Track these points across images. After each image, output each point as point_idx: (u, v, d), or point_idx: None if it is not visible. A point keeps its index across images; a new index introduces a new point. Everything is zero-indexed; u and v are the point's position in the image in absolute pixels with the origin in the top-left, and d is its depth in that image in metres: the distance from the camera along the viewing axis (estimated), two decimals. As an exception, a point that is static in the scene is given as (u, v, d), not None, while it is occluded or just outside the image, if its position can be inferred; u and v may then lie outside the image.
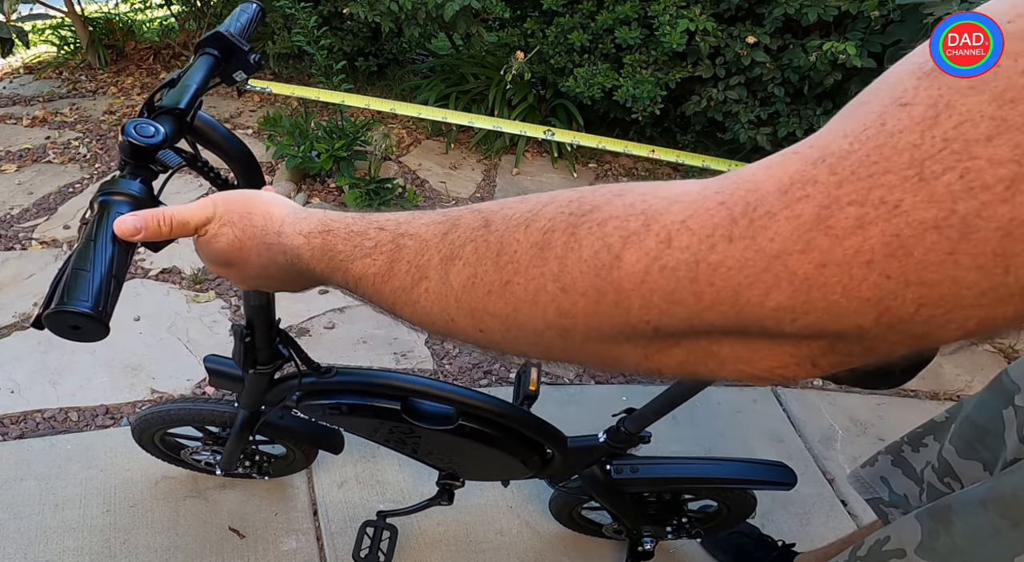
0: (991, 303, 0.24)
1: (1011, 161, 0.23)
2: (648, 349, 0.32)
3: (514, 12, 2.91)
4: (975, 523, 0.69)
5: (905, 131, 0.25)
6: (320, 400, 1.02)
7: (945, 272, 0.24)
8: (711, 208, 0.28)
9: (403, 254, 0.39)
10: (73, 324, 0.48)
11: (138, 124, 0.58)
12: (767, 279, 0.26)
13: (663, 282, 0.28)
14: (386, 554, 1.33)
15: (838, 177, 0.26)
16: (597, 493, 1.16)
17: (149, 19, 4.17)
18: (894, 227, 0.24)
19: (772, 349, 0.29)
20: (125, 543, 1.37)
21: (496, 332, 0.35)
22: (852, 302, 0.26)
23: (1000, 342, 2.11)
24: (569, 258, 0.31)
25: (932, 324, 0.26)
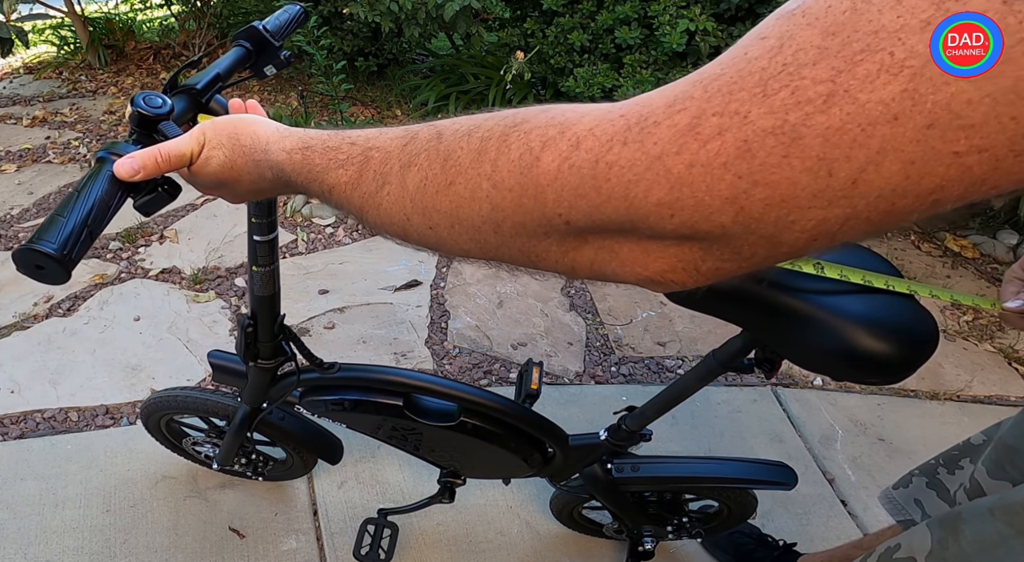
0: (822, 204, 0.29)
1: (828, 81, 0.27)
2: (564, 245, 0.37)
3: (514, 12, 2.91)
4: (983, 531, 0.69)
5: (759, 58, 0.29)
6: (323, 396, 1.02)
7: (782, 173, 0.29)
8: (614, 120, 0.33)
9: (370, 164, 0.44)
10: (38, 264, 0.50)
11: (147, 95, 0.61)
12: (649, 176, 0.31)
13: (571, 178, 0.33)
14: (387, 552, 1.33)
15: (708, 93, 0.30)
16: (598, 492, 1.16)
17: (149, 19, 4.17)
18: (743, 133, 0.29)
19: (660, 251, 0.34)
20: (125, 543, 1.37)
21: (443, 228, 0.40)
22: (714, 199, 0.30)
23: (1000, 342, 2.11)
24: (500, 160, 0.36)
25: (779, 224, 0.30)
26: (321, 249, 2.32)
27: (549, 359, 1.93)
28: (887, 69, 0.26)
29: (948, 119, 0.26)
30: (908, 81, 0.26)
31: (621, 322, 2.09)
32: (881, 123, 0.27)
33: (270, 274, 0.87)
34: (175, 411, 1.27)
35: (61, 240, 0.50)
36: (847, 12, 0.27)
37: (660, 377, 1.91)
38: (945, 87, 0.26)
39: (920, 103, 0.26)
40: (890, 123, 0.27)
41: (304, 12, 0.86)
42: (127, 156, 0.55)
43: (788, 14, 0.30)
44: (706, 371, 0.92)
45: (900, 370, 0.70)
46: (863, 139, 0.27)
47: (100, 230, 0.53)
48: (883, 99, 0.26)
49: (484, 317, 2.07)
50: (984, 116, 0.26)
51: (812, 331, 0.72)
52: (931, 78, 0.26)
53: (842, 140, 0.27)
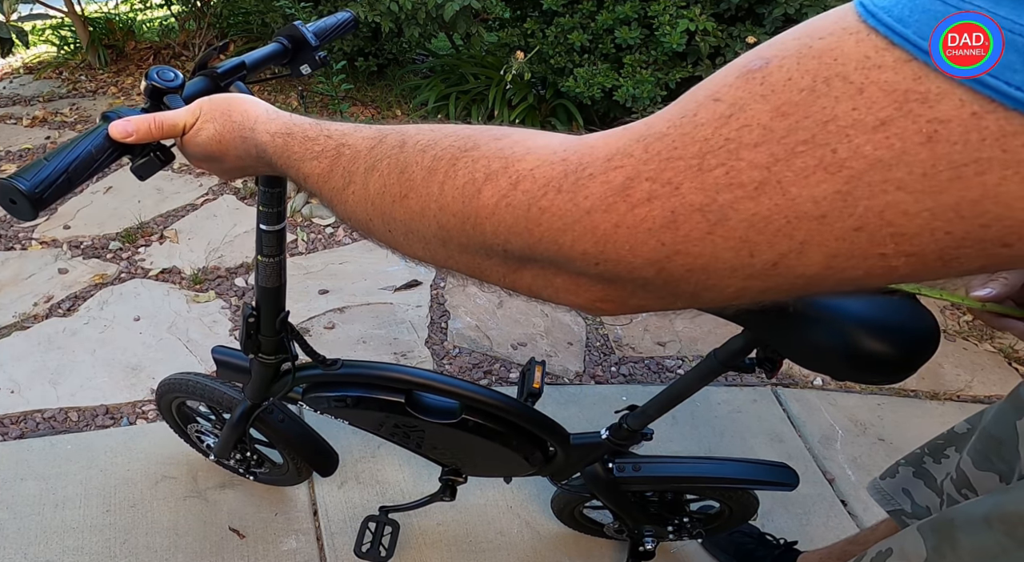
0: (741, 278, 0.29)
1: (764, 167, 0.27)
2: (505, 268, 0.38)
3: (514, 12, 2.91)
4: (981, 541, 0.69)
5: (705, 125, 0.29)
6: (326, 392, 1.02)
7: (704, 248, 0.29)
8: (555, 163, 0.33)
9: (340, 161, 0.46)
10: (12, 198, 0.54)
11: (161, 70, 0.65)
12: (577, 229, 0.32)
13: (507, 216, 0.34)
14: (387, 549, 1.33)
15: (647, 155, 0.30)
16: (599, 491, 1.16)
17: (149, 19, 4.17)
18: (672, 205, 0.29)
19: (591, 286, 0.35)
20: (125, 543, 1.37)
21: (400, 235, 0.42)
22: (637, 259, 0.31)
23: (1000, 342, 2.11)
24: (447, 184, 0.37)
25: (698, 286, 0.31)
26: (321, 249, 2.32)
27: (549, 359, 1.93)
28: (825, 167, 0.25)
29: (879, 225, 0.25)
30: (844, 183, 0.25)
31: (621, 322, 2.09)
32: (808, 219, 0.26)
33: (275, 265, 0.88)
34: (186, 395, 1.28)
35: (37, 180, 0.54)
36: (804, 92, 0.26)
37: (660, 377, 1.91)
38: (882, 195, 0.25)
39: (852, 206, 0.25)
40: (817, 220, 0.26)
41: (355, 20, 0.91)
42: (124, 119, 0.59)
43: (748, 75, 0.28)
44: (707, 370, 0.93)
45: (901, 370, 0.70)
46: (788, 230, 0.27)
47: (80, 179, 0.57)
48: (814, 196, 0.26)
49: (484, 317, 2.07)
50: (918, 228, 0.25)
51: (813, 330, 0.72)
52: (869, 184, 0.25)
53: (767, 228, 0.27)
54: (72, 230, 2.34)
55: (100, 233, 2.32)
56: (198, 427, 1.39)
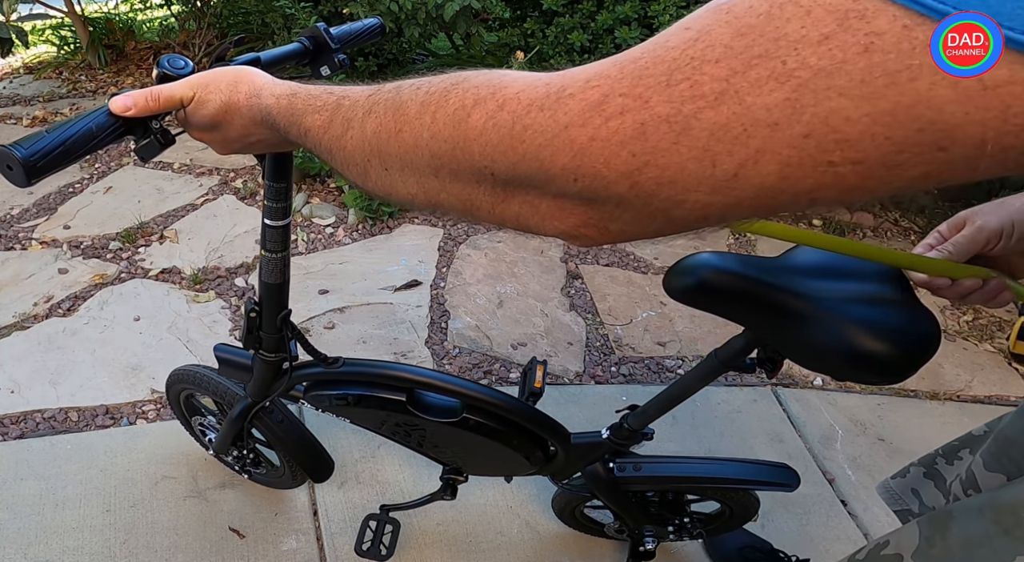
0: (707, 191, 0.31)
1: (723, 79, 0.29)
2: (494, 196, 0.40)
3: (514, 12, 2.92)
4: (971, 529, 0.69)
5: (674, 47, 0.31)
6: (327, 390, 1.02)
7: (671, 158, 0.31)
8: (538, 87, 0.35)
9: (340, 111, 0.48)
10: (9, 164, 0.56)
11: (172, 58, 0.67)
12: (556, 143, 0.34)
13: (494, 135, 0.36)
14: (388, 548, 1.33)
15: (622, 74, 0.32)
16: (599, 491, 1.16)
17: (149, 19, 4.17)
18: (642, 117, 0.31)
19: (572, 208, 0.37)
20: (125, 543, 1.37)
21: (396, 171, 0.44)
22: (611, 172, 0.33)
23: (1000, 342, 2.11)
24: (439, 113, 0.39)
25: (669, 201, 0.33)
26: (321, 249, 2.32)
27: (549, 359, 1.93)
28: (776, 77, 0.28)
29: (824, 132, 0.27)
30: (792, 91, 0.27)
31: (621, 322, 2.09)
32: (762, 126, 0.28)
33: (279, 261, 0.88)
34: (192, 387, 1.29)
35: (34, 149, 0.56)
36: (761, 16, 0.29)
37: (660, 377, 1.91)
38: (826, 102, 0.27)
39: (799, 113, 0.27)
40: (770, 127, 0.28)
41: (382, 27, 0.93)
42: (122, 94, 0.61)
43: (716, 7, 0.31)
44: (708, 370, 0.93)
45: (901, 370, 0.70)
46: (744, 138, 0.29)
47: (77, 154, 0.59)
48: (767, 104, 0.28)
49: (484, 317, 2.07)
50: (860, 134, 0.27)
51: (814, 331, 0.72)
52: (814, 91, 0.27)
53: (726, 136, 0.29)
54: (72, 230, 2.34)
55: (100, 233, 2.32)
56: (202, 421, 1.39)
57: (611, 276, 2.28)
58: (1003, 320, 2.22)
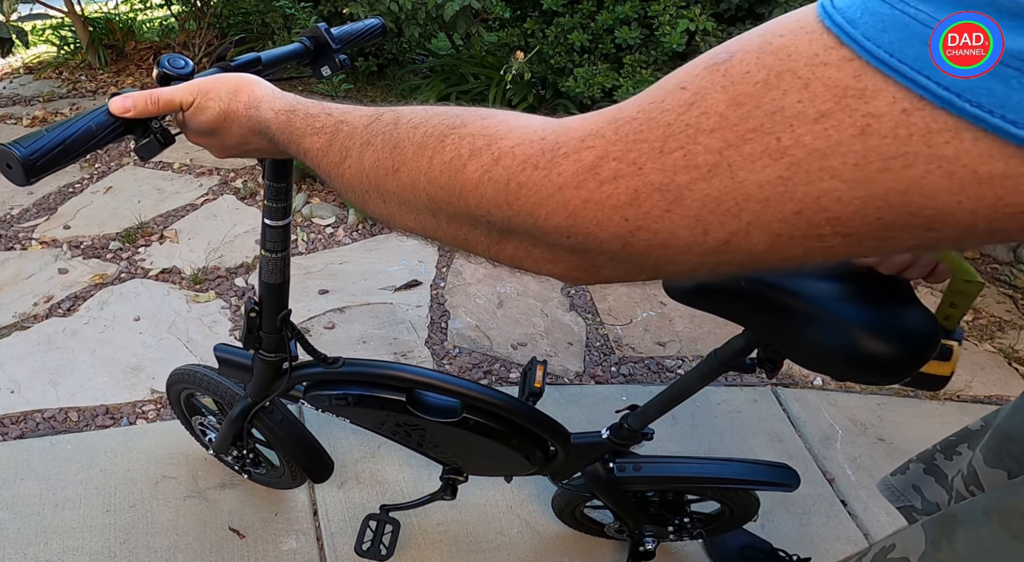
0: (698, 254, 0.32)
1: (717, 152, 0.29)
2: (489, 239, 0.40)
3: (514, 12, 2.91)
4: (978, 534, 0.69)
5: (669, 111, 0.31)
6: (327, 390, 1.02)
7: (663, 225, 0.31)
8: (534, 142, 0.35)
9: (338, 136, 0.48)
10: (8, 163, 0.56)
11: (172, 57, 0.67)
12: (551, 204, 0.34)
13: (489, 189, 0.37)
14: (388, 548, 1.33)
15: (616, 137, 0.32)
16: (599, 491, 1.16)
17: (149, 19, 4.17)
18: (635, 184, 0.31)
19: (566, 256, 0.37)
20: (125, 543, 1.37)
21: (394, 207, 0.44)
22: (604, 233, 0.33)
23: (1000, 342, 2.11)
24: (435, 159, 0.39)
25: (660, 260, 0.33)
26: (321, 249, 2.32)
27: (549, 359, 1.93)
28: (770, 153, 0.28)
29: (815, 210, 0.28)
30: (785, 169, 0.27)
31: (621, 322, 2.09)
32: (754, 201, 0.29)
33: (279, 261, 0.88)
34: (193, 386, 1.29)
35: (33, 148, 0.56)
36: (759, 85, 0.28)
37: (660, 377, 1.91)
38: (818, 183, 0.27)
39: (791, 191, 0.28)
40: (762, 203, 0.28)
41: (383, 27, 0.93)
42: (123, 94, 0.61)
43: (713, 67, 0.31)
44: (708, 370, 0.93)
45: (901, 370, 0.70)
46: (736, 211, 0.29)
47: (77, 153, 0.59)
48: (759, 181, 0.28)
49: (484, 317, 2.07)
50: (851, 214, 0.27)
51: (814, 331, 0.72)
52: (807, 171, 0.27)
53: (718, 208, 0.30)
54: (72, 230, 2.34)
55: (100, 233, 2.32)
56: (203, 420, 1.39)
57: (611, 276, 2.28)
58: (1003, 320, 2.22)
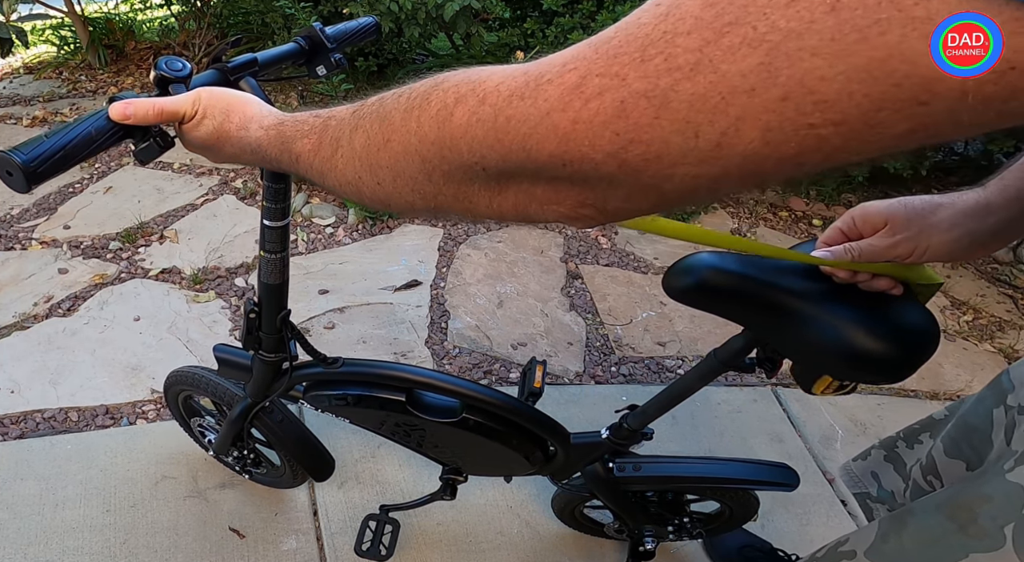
0: (693, 162, 0.31)
1: (696, 50, 0.29)
2: (489, 190, 0.40)
3: (514, 12, 2.92)
4: (926, 526, 0.69)
5: (646, 23, 0.31)
6: (327, 390, 1.02)
7: (654, 133, 0.31)
8: (517, 77, 0.35)
9: (327, 132, 0.48)
10: (8, 170, 0.55)
11: (170, 59, 0.67)
12: (541, 131, 0.34)
13: (479, 131, 0.36)
14: (388, 548, 1.34)
15: (597, 55, 0.32)
16: (599, 491, 1.16)
17: (149, 19, 4.17)
18: (620, 95, 0.31)
19: (567, 191, 0.37)
20: (125, 543, 1.37)
21: (388, 182, 0.44)
22: (597, 153, 0.33)
23: (1000, 342, 2.11)
24: (423, 116, 0.39)
25: (658, 176, 0.32)
26: (321, 249, 2.32)
27: (549, 359, 1.93)
28: (748, 42, 0.28)
29: (802, 93, 0.27)
30: (765, 55, 0.27)
31: (621, 322, 2.09)
32: (739, 93, 0.28)
33: (278, 262, 0.88)
34: (191, 388, 1.29)
35: (34, 154, 0.55)
36: None
37: (660, 377, 1.91)
38: (799, 63, 0.27)
39: (775, 76, 0.27)
40: (747, 93, 0.28)
41: (377, 25, 0.92)
42: (125, 101, 0.61)
43: None
44: (707, 370, 0.93)
45: (901, 370, 0.70)
46: (723, 106, 0.29)
47: (76, 158, 0.58)
48: (742, 71, 0.28)
49: (484, 317, 2.07)
50: (837, 93, 0.27)
51: (813, 330, 0.72)
52: (787, 53, 0.27)
53: (705, 106, 0.29)
54: (72, 230, 2.34)
55: (100, 233, 2.32)
56: (201, 422, 1.39)
57: (611, 276, 2.28)
58: (1003, 320, 2.22)
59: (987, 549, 0.62)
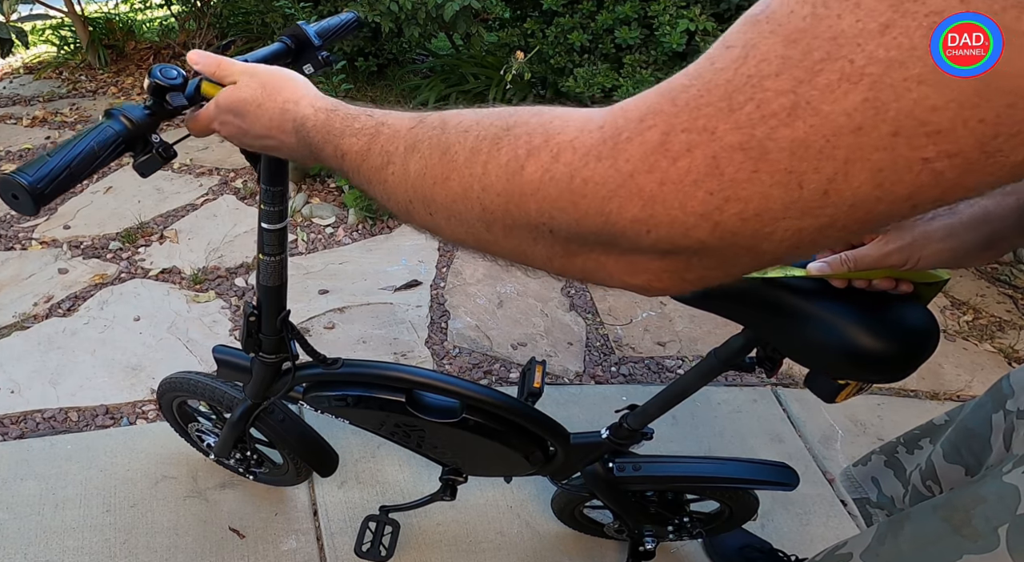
0: (796, 216, 0.29)
1: (790, 92, 0.27)
2: (552, 252, 0.37)
3: (514, 12, 2.92)
4: (923, 529, 0.69)
5: (724, 69, 0.29)
6: (326, 391, 1.02)
7: (753, 188, 0.28)
8: (592, 132, 0.33)
9: (379, 139, 0.45)
10: (14, 193, 0.54)
11: (164, 67, 0.65)
12: (623, 194, 0.31)
13: (552, 190, 0.34)
14: (388, 549, 1.34)
15: (676, 108, 0.30)
16: (599, 491, 1.16)
17: (149, 19, 4.17)
18: (712, 150, 0.29)
19: (646, 264, 0.34)
20: (125, 543, 1.37)
21: (441, 219, 0.41)
22: (688, 216, 0.30)
23: (1000, 342, 2.11)
24: (490, 163, 0.36)
25: (756, 236, 0.30)
26: (321, 249, 2.32)
27: (549, 359, 1.93)
28: (847, 78, 0.26)
29: (913, 126, 0.25)
30: (868, 89, 0.26)
31: (621, 322, 2.09)
32: (845, 133, 0.26)
33: (277, 264, 0.88)
34: (187, 394, 1.28)
35: (39, 175, 0.54)
36: (807, 18, 0.27)
37: (660, 377, 1.91)
38: (907, 94, 0.25)
39: (883, 111, 0.26)
40: (854, 133, 0.26)
41: (358, 20, 0.91)
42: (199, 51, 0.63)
43: (753, 20, 0.29)
44: (707, 369, 0.93)
45: (900, 369, 0.70)
46: (829, 150, 0.27)
47: (82, 175, 0.57)
48: (845, 109, 0.26)
49: (484, 317, 2.07)
50: (951, 121, 0.25)
51: (813, 329, 0.72)
52: (892, 85, 0.25)
53: (808, 153, 0.27)
54: (72, 230, 2.34)
55: (100, 233, 2.32)
56: (199, 426, 1.39)
57: (611, 276, 2.28)
58: (1003, 320, 2.22)
59: (981, 550, 0.62)
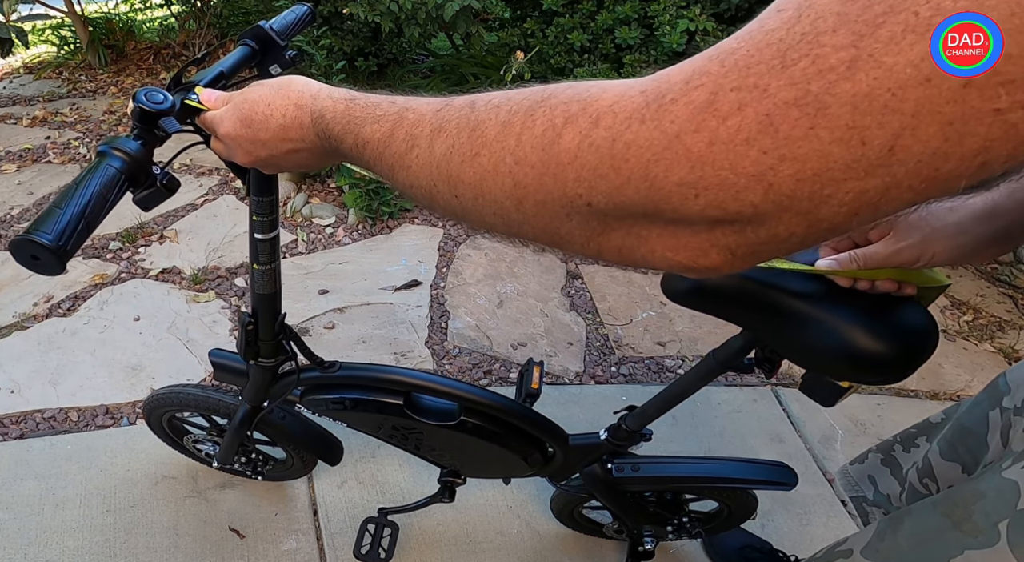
0: (858, 175, 0.27)
1: (850, 46, 0.26)
2: (588, 229, 0.36)
3: (514, 12, 2.92)
4: (922, 524, 0.69)
5: (776, 29, 0.28)
6: (324, 395, 1.02)
7: (811, 146, 0.27)
8: (634, 97, 0.32)
9: (403, 124, 0.44)
10: (34, 254, 0.51)
11: (148, 91, 0.61)
12: (669, 156, 0.30)
13: (591, 157, 0.32)
14: (387, 551, 1.33)
15: (725, 68, 0.29)
16: (598, 492, 1.16)
17: (149, 19, 4.17)
18: (764, 107, 0.28)
19: (691, 236, 0.33)
20: (125, 543, 1.37)
21: (468, 199, 0.40)
22: (740, 178, 0.29)
23: (1000, 342, 2.11)
24: (524, 135, 0.35)
25: (813, 199, 0.29)
26: (321, 249, 2.32)
27: (549, 359, 1.93)
28: (913, 29, 0.25)
29: (986, 76, 0.24)
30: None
31: (621, 322, 2.09)
32: (912, 85, 0.25)
33: (271, 272, 0.88)
34: (177, 408, 1.27)
35: (57, 231, 0.51)
36: None
37: (660, 377, 1.91)
38: None
39: None
40: (923, 85, 0.25)
41: (312, 13, 0.88)
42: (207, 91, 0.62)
43: None
44: (706, 370, 0.93)
45: (900, 370, 0.70)
46: (895, 103, 0.26)
47: (97, 222, 0.54)
48: (912, 61, 0.25)
49: (484, 317, 2.07)
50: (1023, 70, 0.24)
51: (812, 331, 0.72)
52: None
53: (872, 106, 0.26)
54: (72, 230, 2.33)
55: (100, 233, 2.32)
56: (194, 437, 1.38)
57: (611, 276, 2.28)
58: (1003, 320, 2.22)
59: (982, 546, 0.62)
